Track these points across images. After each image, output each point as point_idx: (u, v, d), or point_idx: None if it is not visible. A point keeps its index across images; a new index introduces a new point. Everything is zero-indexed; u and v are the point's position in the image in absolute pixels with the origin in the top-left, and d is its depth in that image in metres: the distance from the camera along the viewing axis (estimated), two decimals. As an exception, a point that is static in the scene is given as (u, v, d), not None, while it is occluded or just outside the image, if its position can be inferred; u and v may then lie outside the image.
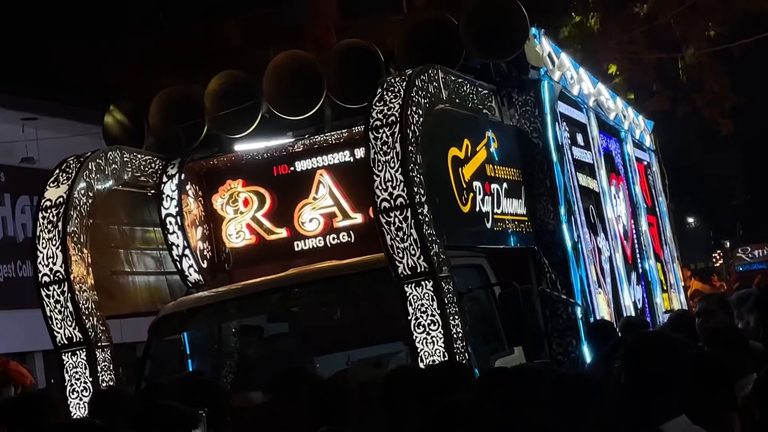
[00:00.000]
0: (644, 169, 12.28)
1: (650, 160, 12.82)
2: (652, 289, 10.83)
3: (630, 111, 12.07)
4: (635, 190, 11.18)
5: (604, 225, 9.40)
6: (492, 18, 7.76)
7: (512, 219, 7.85)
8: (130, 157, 7.83)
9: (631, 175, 11.17)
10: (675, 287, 12.33)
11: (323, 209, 7.97)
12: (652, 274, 11.02)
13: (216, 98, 8.15)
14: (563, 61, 9.03)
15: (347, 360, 7.65)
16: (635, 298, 10.08)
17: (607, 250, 9.31)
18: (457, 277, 6.77)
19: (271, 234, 8.12)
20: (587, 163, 9.37)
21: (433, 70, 6.95)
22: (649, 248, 11.19)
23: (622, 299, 9.42)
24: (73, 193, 7.04)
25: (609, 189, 9.92)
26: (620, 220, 10.23)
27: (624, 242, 10.15)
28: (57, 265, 6.86)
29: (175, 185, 7.99)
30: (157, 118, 8.31)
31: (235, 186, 8.20)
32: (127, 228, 7.89)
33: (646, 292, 10.61)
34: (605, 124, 10.50)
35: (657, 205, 12.55)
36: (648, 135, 13.04)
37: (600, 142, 9.92)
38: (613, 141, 10.78)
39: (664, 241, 12.43)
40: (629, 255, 10.28)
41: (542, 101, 8.16)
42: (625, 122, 11.49)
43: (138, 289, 7.84)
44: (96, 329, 6.95)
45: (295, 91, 7.94)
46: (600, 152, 9.84)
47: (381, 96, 6.55)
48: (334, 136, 7.98)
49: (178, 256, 8.01)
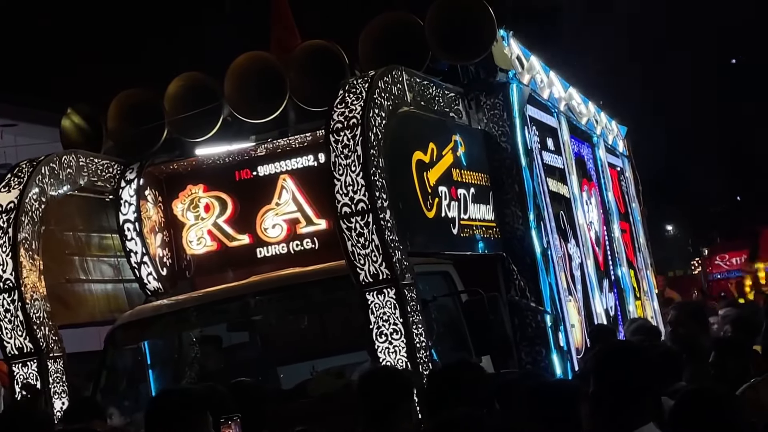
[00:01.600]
0: (617, 174, 12.21)
1: (623, 166, 12.76)
2: (624, 297, 10.73)
3: (603, 116, 11.98)
4: (608, 196, 11.08)
5: (575, 231, 9.29)
6: (459, 19, 7.65)
7: (480, 225, 7.70)
8: (87, 161, 7.64)
9: (604, 180, 11.08)
10: (648, 295, 12.25)
11: (286, 215, 7.81)
12: (624, 281, 10.92)
13: (176, 101, 7.99)
14: (533, 64, 8.91)
15: (311, 370, 7.49)
16: (607, 306, 9.96)
17: (578, 257, 9.20)
18: (422, 284, 6.63)
19: (233, 240, 7.96)
20: (558, 168, 9.25)
21: (397, 71, 6.80)
22: (622, 255, 11.09)
23: (593, 307, 9.29)
24: (24, 199, 6.85)
25: (580, 195, 9.81)
26: (592, 226, 10.13)
27: (596, 249, 10.05)
28: (7, 272, 6.66)
29: (134, 190, 7.81)
30: (115, 122, 8.14)
31: (195, 191, 8.03)
32: (83, 234, 7.70)
33: (618, 300, 10.50)
34: (577, 128, 10.41)
35: (630, 211, 12.48)
36: (621, 140, 12.98)
37: (571, 147, 9.81)
38: (585, 146, 10.69)
39: (638, 248, 12.36)
40: (601, 262, 10.18)
41: (511, 104, 8.03)
42: (598, 127, 11.41)
43: (94, 298, 7.65)
44: (48, 339, 6.75)
45: (257, 94, 7.79)
46: (571, 157, 9.73)
47: (342, 98, 6.40)
48: (297, 140, 7.82)
49: (137, 263, 7.82)
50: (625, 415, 3.78)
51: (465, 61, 7.89)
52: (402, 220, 6.39)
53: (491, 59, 7.88)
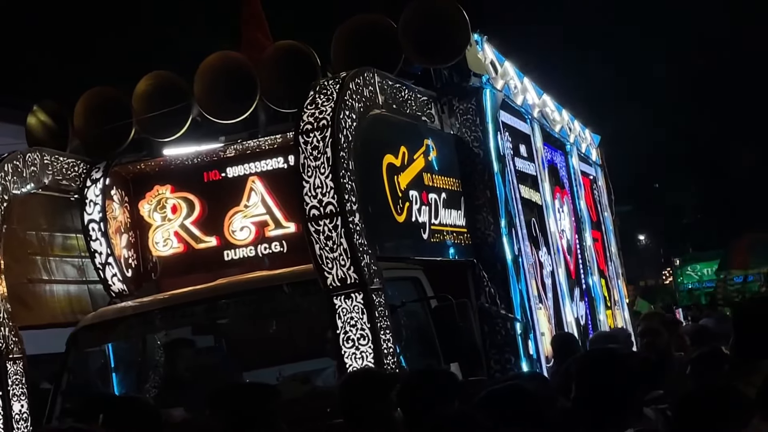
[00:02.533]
0: (590, 183, 12.17)
1: (596, 175, 12.72)
2: (595, 306, 10.67)
3: (576, 124, 11.95)
4: (580, 205, 11.03)
5: (546, 239, 9.23)
6: (432, 22, 7.59)
7: (451, 230, 7.64)
8: (52, 159, 7.51)
9: (576, 188, 11.03)
10: (619, 304, 12.21)
11: (255, 217, 7.70)
12: (595, 290, 10.87)
13: (144, 100, 7.89)
14: (507, 70, 8.87)
15: (278, 376, 7.39)
16: (578, 315, 9.92)
17: (550, 265, 9.14)
18: (391, 289, 6.56)
19: (200, 242, 7.83)
20: (530, 175, 9.19)
21: (368, 73, 6.73)
22: (593, 264, 11.05)
23: (564, 315, 9.24)
24: (-16, 197, 6.73)
25: (553, 202, 9.76)
26: (564, 234, 10.08)
27: (567, 257, 10.00)
28: (-34, 272, 6.54)
29: (100, 190, 7.68)
30: (82, 120, 8.02)
31: (163, 192, 7.90)
32: (47, 234, 7.56)
33: (589, 309, 10.45)
34: (550, 136, 10.36)
35: (602, 220, 12.44)
36: (594, 149, 12.96)
37: (544, 154, 9.76)
38: (558, 154, 10.64)
39: (609, 257, 12.32)
40: (573, 270, 10.13)
41: (484, 110, 7.97)
42: (571, 135, 11.37)
43: (56, 299, 7.51)
44: (7, 340, 6.61)
45: (227, 94, 7.70)
46: (544, 164, 9.69)
47: (313, 99, 6.32)
48: (267, 142, 7.73)
49: (101, 264, 7.68)
50: (607, 421, 3.83)
51: (438, 65, 7.83)
52: (371, 224, 6.33)
53: (465, 63, 7.84)
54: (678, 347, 8.35)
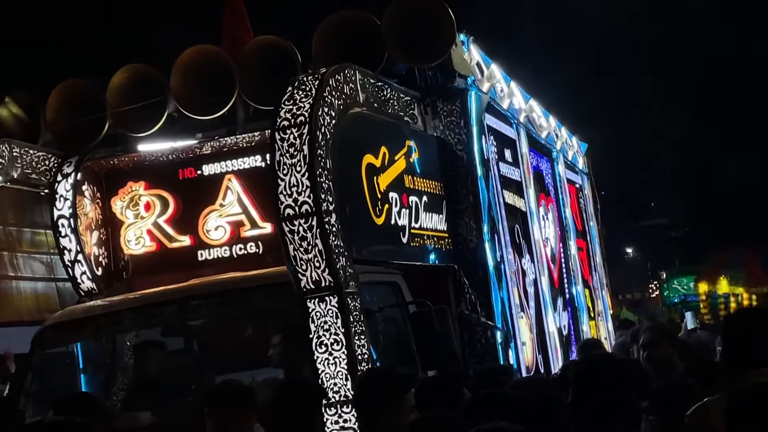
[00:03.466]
0: (576, 191, 12.07)
1: (582, 183, 12.63)
2: (578, 316, 10.57)
3: (563, 131, 11.85)
4: (565, 213, 10.93)
5: (530, 246, 9.11)
6: (417, 20, 7.44)
7: (431, 234, 7.49)
8: (21, 151, 7.35)
9: (562, 196, 10.93)
10: (603, 315, 12.11)
11: (230, 217, 7.51)
12: (579, 300, 10.77)
13: (119, 93, 7.71)
14: (493, 72, 8.73)
15: (252, 380, 7.21)
16: (561, 324, 9.80)
17: (533, 273, 9.02)
18: (368, 294, 6.42)
19: (174, 241, 7.65)
20: (515, 181, 9.07)
21: (349, 70, 6.57)
22: (577, 273, 10.94)
23: (546, 325, 9.12)
24: (-50, 188, 6.56)
25: (537, 209, 9.64)
26: (548, 242, 9.96)
27: (551, 265, 9.89)
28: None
29: (71, 185, 7.48)
30: (54, 112, 7.84)
31: (136, 188, 7.70)
32: (14, 229, 7.39)
33: (572, 319, 10.34)
34: (536, 142, 10.26)
35: (588, 229, 12.35)
36: (581, 157, 12.86)
37: (530, 160, 9.65)
38: (544, 160, 10.54)
39: (594, 267, 12.22)
40: (556, 279, 10.02)
41: (468, 112, 7.84)
42: (558, 142, 11.27)
43: (23, 296, 7.34)
44: (-31, 338, 6.45)
45: (204, 89, 7.53)
46: (529, 170, 9.57)
47: (291, 95, 6.16)
48: (245, 140, 7.55)
49: (70, 261, 7.48)
50: (603, 426, 3.85)
51: (422, 64, 7.69)
52: (349, 226, 6.18)
53: (450, 64, 7.69)
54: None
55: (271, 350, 7.10)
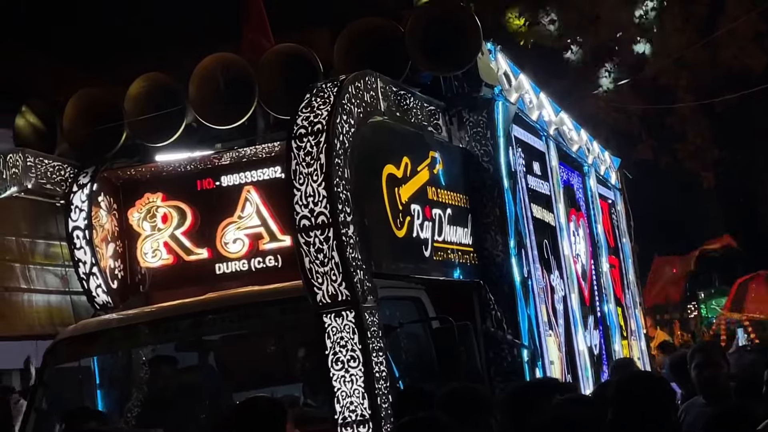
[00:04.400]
0: (608, 207, 11.84)
1: (615, 199, 12.38)
2: (610, 335, 10.31)
3: (595, 145, 11.63)
4: (597, 229, 10.69)
5: (559, 262, 8.88)
6: (442, 27, 7.27)
7: (456, 249, 7.29)
8: (36, 161, 7.22)
9: (594, 212, 10.70)
10: (636, 334, 11.84)
11: (249, 229, 7.35)
12: (611, 318, 10.50)
13: (137, 102, 7.57)
14: (522, 83, 8.53)
15: None
16: (591, 344, 9.55)
17: (562, 290, 8.79)
18: (389, 309, 6.26)
19: (191, 254, 7.49)
20: (544, 195, 8.85)
21: (370, 77, 6.40)
22: (609, 291, 10.69)
23: (575, 343, 8.87)
24: (-40, 198, 6.45)
25: (567, 224, 9.41)
26: (578, 258, 9.73)
27: (582, 283, 9.65)
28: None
29: (86, 195, 7.36)
30: (71, 121, 7.72)
31: (153, 200, 7.57)
32: (28, 240, 7.27)
33: (603, 338, 10.09)
34: (567, 155, 10.04)
35: (620, 246, 12.09)
36: (614, 172, 12.62)
37: (559, 174, 9.42)
38: (575, 174, 10.32)
39: (627, 285, 11.95)
40: (587, 297, 9.78)
41: (495, 123, 7.65)
42: (589, 156, 11.04)
43: (35, 309, 7.21)
44: (-23, 350, 6.32)
45: (223, 98, 7.39)
46: (559, 184, 9.34)
47: (309, 102, 5.99)
48: (264, 150, 7.39)
49: (85, 274, 7.34)
50: None
51: (447, 72, 7.49)
52: (368, 238, 6.00)
53: (476, 72, 7.50)
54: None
55: (297, 365, 6.96)
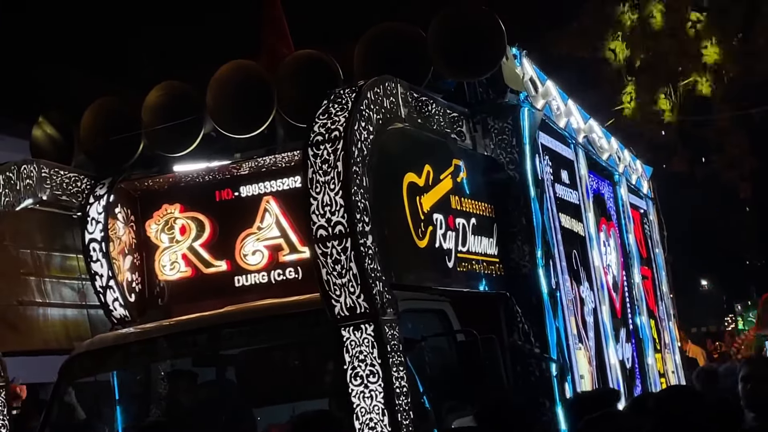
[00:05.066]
0: (640, 217, 11.66)
1: (647, 208, 12.19)
2: (643, 348, 10.11)
3: (626, 153, 11.44)
4: (628, 239, 10.50)
5: (589, 273, 8.71)
6: (465, 31, 7.11)
7: (481, 259, 7.13)
8: (51, 172, 7.12)
9: (625, 222, 10.52)
10: (670, 347, 11.62)
11: (268, 241, 7.25)
12: (644, 331, 10.31)
13: (154, 111, 7.48)
14: (549, 89, 8.37)
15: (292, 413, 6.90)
16: (624, 357, 9.35)
17: (592, 302, 8.62)
18: (411, 322, 6.09)
19: (210, 267, 7.40)
20: (572, 204, 8.69)
21: (390, 83, 6.23)
22: (642, 303, 10.49)
23: (606, 357, 8.69)
24: (-27, 210, 6.36)
25: (597, 234, 9.23)
26: (609, 269, 9.55)
27: (613, 294, 9.47)
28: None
29: (103, 207, 7.27)
30: (88, 131, 7.64)
31: (171, 211, 7.49)
32: (43, 253, 7.18)
33: (636, 351, 9.89)
34: (597, 164, 9.87)
35: (653, 257, 11.90)
36: (646, 181, 12.43)
37: (589, 183, 9.26)
38: (605, 183, 10.15)
39: (660, 297, 11.76)
40: (618, 309, 9.60)
41: (521, 130, 7.49)
42: (620, 165, 10.86)
43: (50, 323, 7.11)
44: (-13, 367, 6.21)
45: (242, 106, 7.27)
46: (588, 193, 9.18)
47: (326, 108, 5.83)
48: (284, 159, 7.27)
49: (102, 287, 7.25)
50: None
51: (470, 78, 7.34)
52: (388, 249, 5.83)
53: (501, 78, 7.34)
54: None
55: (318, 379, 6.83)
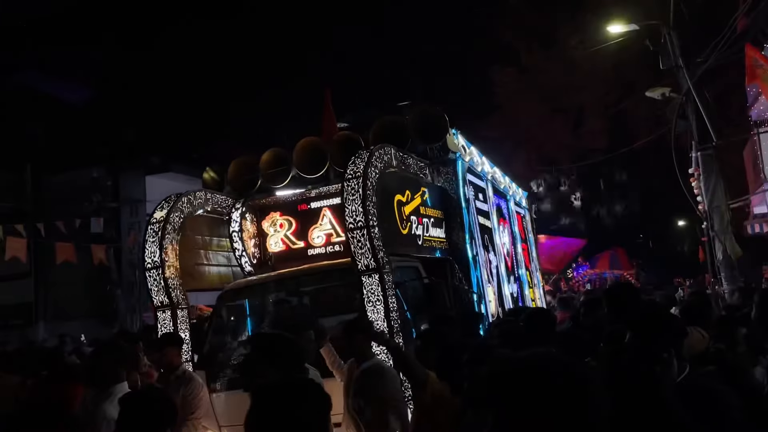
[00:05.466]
0: (521, 217, 11.30)
1: (524, 214, 11.84)
2: (523, 286, 9.80)
3: (513, 185, 11.12)
4: (514, 229, 10.19)
5: (494, 246, 8.43)
6: (426, 121, 6.93)
7: (437, 239, 6.90)
8: (211, 196, 6.95)
9: (512, 220, 10.19)
10: (538, 286, 11.29)
11: (325, 231, 7.08)
12: (523, 277, 9.99)
13: (267, 164, 7.31)
14: (472, 151, 8.12)
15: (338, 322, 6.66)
16: (512, 291, 9.06)
17: (495, 262, 8.33)
18: (401, 273, 5.83)
19: (295, 245, 7.21)
20: (485, 211, 8.41)
21: (387, 148, 6.05)
22: (521, 262, 10.17)
23: (504, 291, 8.41)
24: (170, 215, 6.17)
25: (498, 227, 8.95)
26: (505, 245, 9.25)
27: (506, 258, 9.16)
28: (155, 257, 5.97)
29: (239, 214, 7.11)
30: (232, 174, 7.47)
31: (275, 215, 7.32)
32: (208, 237, 6.98)
33: (519, 287, 9.59)
34: (497, 189, 9.58)
35: (528, 238, 11.55)
36: (525, 199, 12.07)
37: (493, 200, 8.97)
38: (502, 200, 9.84)
39: (531, 259, 11.40)
40: (510, 265, 9.29)
41: (457, 172, 7.25)
42: (510, 190, 10.55)
43: (212, 275, 6.92)
44: (178, 297, 6.03)
45: (311, 161, 7.09)
46: (493, 205, 8.89)
47: (354, 161, 5.67)
48: (333, 188, 7.08)
49: (239, 256, 7.10)
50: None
51: (429, 144, 7.14)
52: (387, 234, 5.63)
53: (446, 145, 7.13)
54: None
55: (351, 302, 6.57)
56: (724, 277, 11.09)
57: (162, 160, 15.75)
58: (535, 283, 11.13)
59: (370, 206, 5.33)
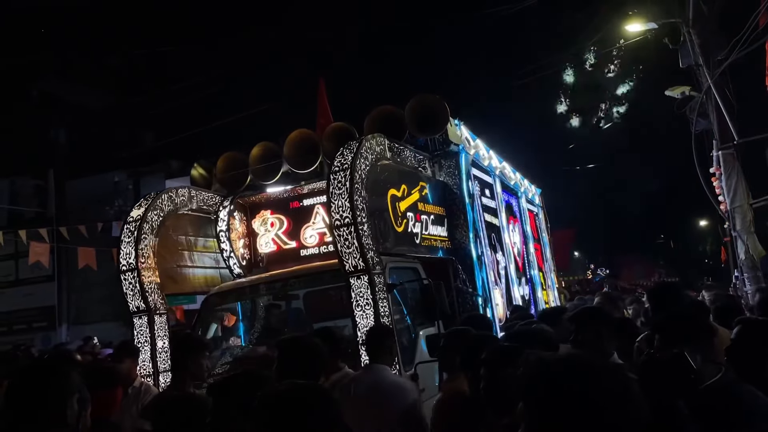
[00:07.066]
0: (533, 216, 10.76)
1: (537, 212, 11.29)
2: (535, 288, 9.27)
3: (525, 181, 10.58)
4: (526, 228, 9.66)
5: (502, 246, 7.91)
6: (425, 110, 6.43)
7: (438, 238, 6.42)
8: (196, 193, 6.54)
9: (524, 218, 9.67)
10: (551, 288, 10.73)
11: (318, 230, 6.62)
12: (536, 279, 9.46)
13: (256, 159, 6.88)
14: (478, 144, 7.62)
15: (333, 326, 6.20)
16: (523, 293, 8.53)
17: (503, 262, 7.81)
18: (397, 274, 5.36)
19: (287, 245, 6.77)
20: (492, 208, 7.90)
21: (379, 138, 5.58)
22: (534, 263, 9.64)
23: (513, 294, 7.89)
24: (147, 214, 5.75)
25: (507, 225, 8.43)
26: (515, 245, 8.73)
27: (517, 258, 8.65)
28: (131, 259, 5.55)
29: (227, 212, 6.69)
30: (220, 171, 7.05)
31: (265, 214, 6.88)
32: (192, 237, 6.58)
33: (531, 290, 9.06)
34: (507, 186, 9.06)
35: (541, 237, 11.00)
36: (537, 196, 11.53)
37: (503, 197, 8.45)
38: (513, 197, 9.33)
39: (545, 259, 10.85)
40: (521, 266, 8.78)
41: (460, 166, 6.77)
42: (521, 186, 10.01)
43: (197, 278, 6.50)
44: (156, 302, 5.61)
45: (303, 155, 6.64)
46: (502, 202, 8.37)
47: (341, 152, 5.21)
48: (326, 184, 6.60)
49: (226, 257, 6.68)
50: None
51: (429, 135, 6.66)
52: (380, 232, 5.17)
53: (447, 136, 6.64)
54: None
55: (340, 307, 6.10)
56: (747, 277, 10.43)
57: (182, 164, 15.58)
58: (549, 285, 10.57)
59: (358, 201, 4.86)
